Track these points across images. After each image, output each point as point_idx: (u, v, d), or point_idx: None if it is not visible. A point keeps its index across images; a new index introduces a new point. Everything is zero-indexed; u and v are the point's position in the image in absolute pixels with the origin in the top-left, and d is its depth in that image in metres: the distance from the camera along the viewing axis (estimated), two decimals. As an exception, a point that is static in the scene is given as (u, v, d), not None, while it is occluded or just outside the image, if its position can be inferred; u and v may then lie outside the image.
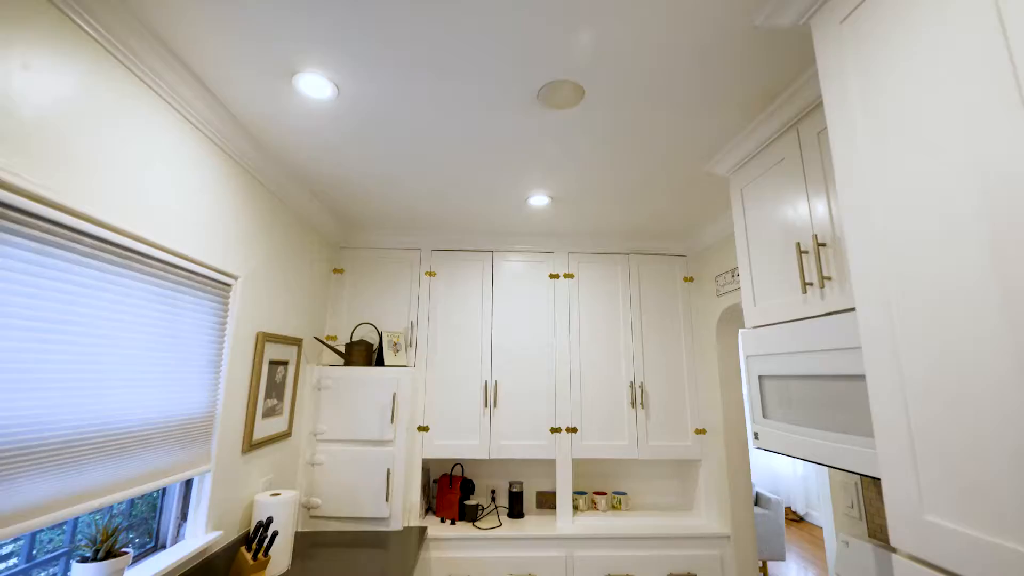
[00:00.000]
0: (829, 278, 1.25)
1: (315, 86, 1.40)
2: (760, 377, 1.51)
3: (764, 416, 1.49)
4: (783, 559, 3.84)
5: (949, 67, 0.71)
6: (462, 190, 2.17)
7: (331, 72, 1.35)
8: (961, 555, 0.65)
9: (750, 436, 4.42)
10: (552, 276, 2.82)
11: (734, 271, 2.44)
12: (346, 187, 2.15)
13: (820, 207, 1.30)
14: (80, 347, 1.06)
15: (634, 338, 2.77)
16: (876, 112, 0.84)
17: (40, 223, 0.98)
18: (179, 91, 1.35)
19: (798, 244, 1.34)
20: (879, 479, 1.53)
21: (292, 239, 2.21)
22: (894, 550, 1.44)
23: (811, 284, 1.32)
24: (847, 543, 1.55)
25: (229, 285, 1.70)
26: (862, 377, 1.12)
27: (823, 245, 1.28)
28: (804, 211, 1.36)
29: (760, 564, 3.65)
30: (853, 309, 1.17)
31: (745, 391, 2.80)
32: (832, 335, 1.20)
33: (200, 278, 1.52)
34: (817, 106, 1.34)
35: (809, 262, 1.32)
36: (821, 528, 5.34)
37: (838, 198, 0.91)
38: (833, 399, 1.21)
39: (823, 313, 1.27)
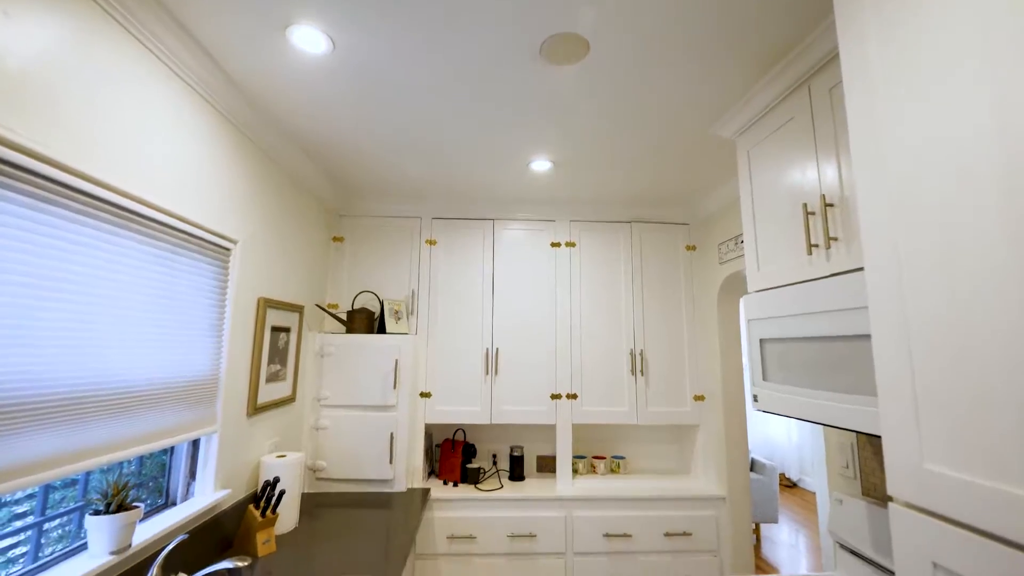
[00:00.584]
0: (835, 239, 1.23)
1: (309, 40, 1.35)
2: (761, 340, 1.51)
3: (764, 379, 1.50)
4: (776, 522, 3.96)
5: (972, 8, 0.68)
6: (462, 153, 2.12)
7: (325, 25, 1.30)
8: (959, 501, 0.66)
9: (749, 400, 4.48)
10: (553, 244, 2.80)
11: (737, 238, 2.42)
12: (343, 149, 2.11)
13: (829, 167, 1.27)
14: (77, 305, 1.06)
15: (635, 306, 2.77)
16: (893, 57, 0.81)
17: (32, 178, 0.96)
18: (169, 45, 1.30)
19: (805, 205, 1.32)
20: (876, 437, 1.55)
21: (290, 205, 2.19)
22: (888, 502, 1.47)
23: (816, 246, 1.30)
24: (840, 501, 1.59)
25: (228, 249, 1.69)
26: (864, 337, 1.12)
27: (831, 206, 1.25)
28: (812, 171, 1.33)
29: (753, 526, 3.76)
30: (858, 269, 1.16)
31: (745, 358, 2.82)
32: (836, 296, 1.19)
33: (198, 241, 1.51)
34: (830, 60, 1.29)
35: (815, 223, 1.30)
36: (813, 493, 5.49)
37: (851, 148, 0.89)
38: (834, 360, 1.21)
39: (828, 275, 1.26)
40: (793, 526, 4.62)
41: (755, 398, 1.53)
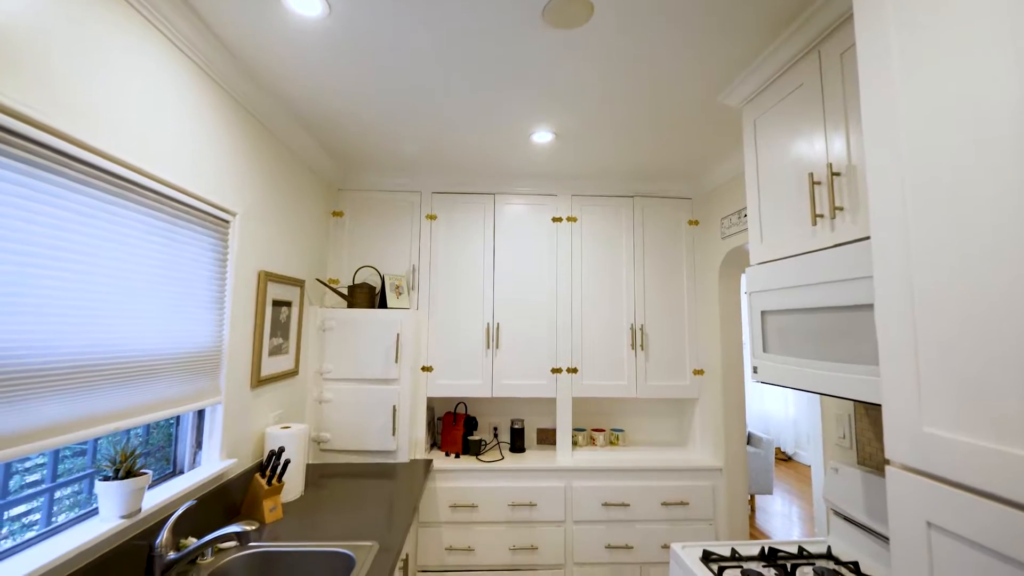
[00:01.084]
0: (840, 208, 1.22)
1: (304, 1, 1.31)
2: (763, 313, 1.52)
3: (764, 351, 1.50)
4: (770, 493, 4.05)
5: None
6: (463, 123, 2.08)
7: (321, -15, 1.25)
8: (957, 462, 0.67)
9: (747, 374, 4.52)
10: (555, 219, 2.78)
11: (740, 212, 2.40)
12: (341, 120, 2.07)
13: (837, 135, 1.25)
14: (77, 274, 1.06)
15: (636, 281, 2.76)
16: (909, 17, 0.78)
17: (26, 143, 0.94)
18: (161, 9, 1.26)
19: (811, 175, 1.30)
20: (873, 408, 1.57)
21: (289, 178, 2.16)
22: (884, 465, 1.50)
23: (821, 216, 1.29)
24: (836, 469, 1.62)
25: (227, 222, 1.67)
26: (865, 307, 1.12)
27: (837, 175, 1.24)
28: (820, 140, 1.31)
29: (748, 497, 3.85)
30: (862, 239, 1.15)
31: (745, 331, 2.83)
32: (839, 266, 1.19)
33: (196, 212, 1.49)
34: (843, 24, 1.25)
35: (821, 193, 1.29)
36: (808, 467, 5.60)
37: (862, 113, 0.87)
38: (834, 330, 1.21)
39: (831, 245, 1.25)
40: (787, 497, 4.73)
41: (755, 370, 1.54)
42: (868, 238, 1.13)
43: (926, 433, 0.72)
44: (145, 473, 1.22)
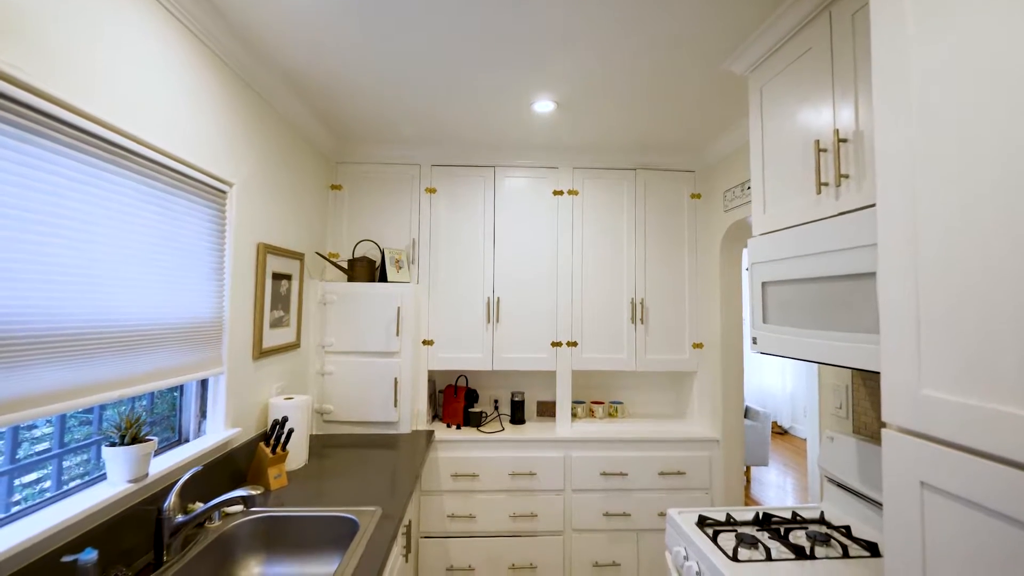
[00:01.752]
0: (846, 176, 1.20)
1: (296, -41, 1.26)
2: (764, 284, 1.51)
3: (764, 321, 1.51)
4: (766, 464, 4.13)
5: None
6: (462, 90, 2.03)
7: (313, -59, 1.20)
8: (954, 423, 0.68)
9: (747, 347, 4.54)
10: (556, 192, 2.75)
11: (744, 184, 2.37)
12: (337, 86, 2.02)
13: (845, 101, 1.22)
14: (76, 242, 1.05)
15: (637, 255, 2.75)
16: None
17: (19, 108, 0.92)
18: (146, -36, 1.21)
19: (817, 142, 1.28)
20: (871, 378, 1.58)
21: (286, 150, 2.12)
22: (879, 433, 1.52)
23: (826, 184, 1.27)
24: (832, 438, 1.64)
25: (224, 192, 1.65)
26: (866, 276, 1.11)
27: (844, 141, 1.21)
28: (827, 106, 1.28)
29: (744, 468, 3.93)
30: (867, 207, 1.14)
31: (746, 305, 2.83)
32: (842, 235, 1.18)
33: (192, 182, 1.47)
34: (855, -18, 1.20)
35: (827, 161, 1.27)
36: (804, 440, 5.70)
37: (872, 75, 0.84)
38: (834, 299, 1.21)
39: (835, 214, 1.24)
40: (782, 469, 4.82)
41: (754, 340, 1.55)
42: (873, 205, 1.11)
43: (924, 396, 0.72)
44: (150, 440, 1.24)
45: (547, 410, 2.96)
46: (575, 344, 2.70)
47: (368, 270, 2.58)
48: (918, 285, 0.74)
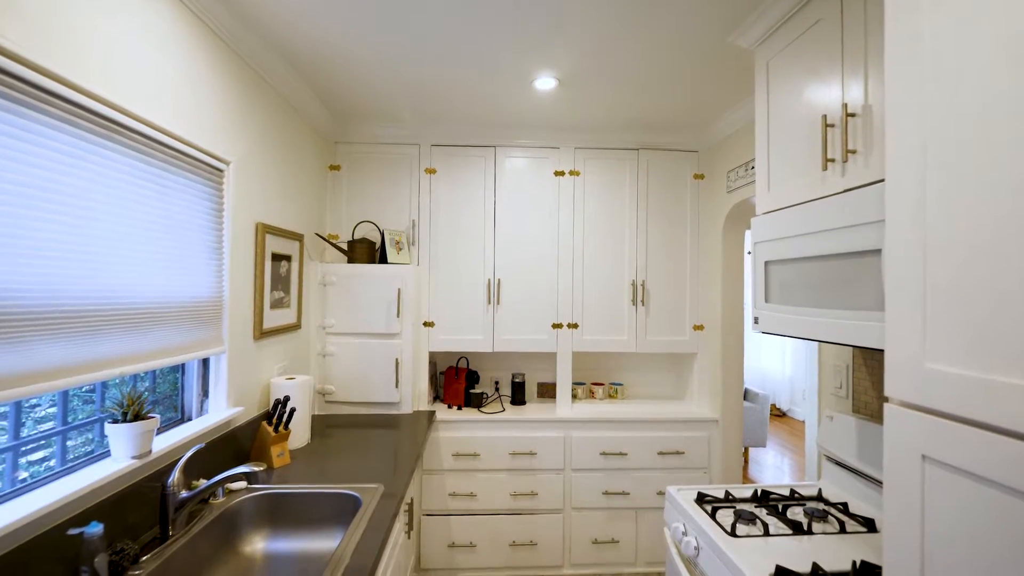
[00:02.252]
0: (854, 151, 1.18)
1: (290, -74, 1.22)
2: (766, 263, 1.50)
3: (766, 301, 1.50)
4: (764, 446, 4.17)
5: None
6: (463, 66, 1.99)
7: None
8: (958, 396, 0.67)
9: (747, 328, 4.55)
10: (557, 173, 2.72)
11: (747, 164, 2.34)
12: (335, 61, 1.98)
13: (855, 73, 1.19)
14: (72, 218, 1.03)
15: (638, 236, 2.73)
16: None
17: (6, 79, 0.90)
18: (134, -69, 1.17)
19: (824, 117, 1.25)
20: (872, 357, 1.58)
21: (283, 129, 2.09)
22: (879, 412, 1.53)
23: (832, 160, 1.25)
24: (831, 417, 1.65)
25: (221, 171, 1.63)
26: (869, 253, 1.10)
27: (852, 115, 1.19)
28: (836, 80, 1.25)
29: (743, 449, 3.97)
30: (873, 183, 1.12)
31: (747, 286, 2.82)
32: (847, 212, 1.16)
33: (189, 159, 1.45)
34: (868, -51, 1.16)
35: (834, 136, 1.24)
36: (802, 422, 5.75)
37: (885, 42, 0.81)
38: (837, 278, 1.20)
39: (841, 190, 1.22)
40: (779, 450, 4.88)
41: (756, 320, 1.54)
42: (879, 181, 1.09)
43: (928, 369, 0.72)
44: (153, 417, 1.24)
45: (547, 391, 2.98)
46: (576, 326, 2.70)
47: (368, 251, 2.56)
48: (926, 258, 0.73)
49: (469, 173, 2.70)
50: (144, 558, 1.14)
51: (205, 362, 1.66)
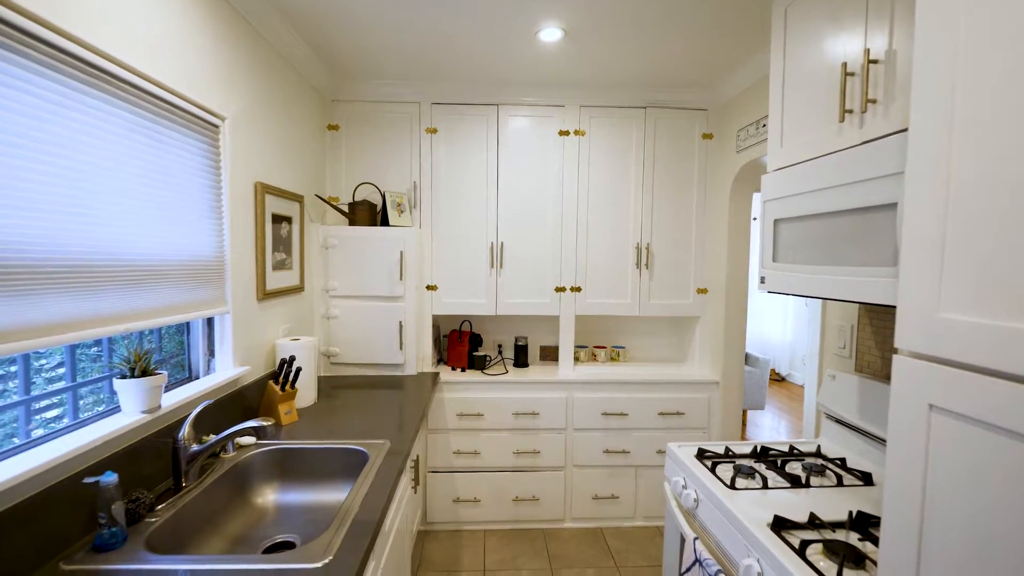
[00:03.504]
0: (874, 101, 1.13)
1: None
2: (776, 221, 1.47)
3: (774, 260, 1.48)
4: (763, 408, 4.24)
5: None
6: (463, 15, 1.89)
7: None
8: (970, 344, 0.67)
9: (752, 290, 4.53)
10: (562, 133, 2.64)
11: (759, 122, 2.26)
12: (332, 15, 1.89)
13: (880, 17, 1.13)
14: (63, 169, 1.01)
15: (644, 199, 2.69)
16: None
17: (-18, 18, 0.85)
18: None
19: (844, 64, 1.19)
20: (878, 317, 1.57)
21: (280, 85, 2.02)
22: (882, 370, 1.54)
23: (850, 111, 1.20)
24: (833, 376, 1.66)
25: (216, 126, 1.59)
26: (883, 208, 1.07)
27: (875, 62, 1.13)
28: (859, 24, 1.18)
29: (742, 411, 4.04)
30: (893, 134, 1.08)
31: (753, 249, 2.78)
32: (863, 165, 1.12)
33: (182, 113, 1.40)
34: None
35: (854, 85, 1.19)
36: (800, 386, 5.83)
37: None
38: (847, 234, 1.18)
39: (858, 143, 1.17)
40: (777, 413, 4.97)
41: (762, 280, 1.53)
42: (899, 132, 1.05)
43: (941, 319, 0.71)
44: (160, 373, 1.25)
45: (550, 354, 3.01)
46: (579, 289, 2.69)
47: (369, 214, 2.53)
48: (947, 208, 0.71)
49: (471, 133, 2.63)
50: (159, 507, 1.17)
51: (210, 322, 1.67)
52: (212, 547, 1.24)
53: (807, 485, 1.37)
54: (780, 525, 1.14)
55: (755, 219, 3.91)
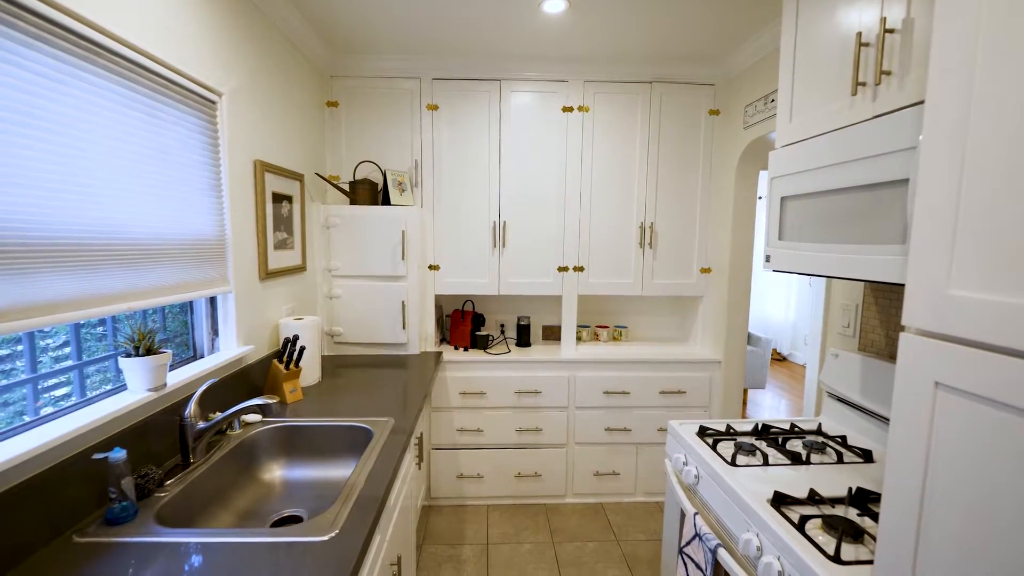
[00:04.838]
0: (888, 72, 1.09)
1: None
2: (783, 199, 1.44)
3: (780, 238, 1.46)
4: (764, 387, 4.27)
5: None
6: (464, -10, 1.84)
7: None
8: (979, 321, 0.66)
9: (757, 266, 4.51)
10: (565, 109, 2.59)
11: (767, 97, 2.21)
12: (328, -13, 1.83)
13: (897, -18, 1.08)
14: (58, 146, 0.99)
15: (648, 177, 2.65)
16: None
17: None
18: None
19: (859, 35, 1.15)
20: (885, 292, 1.56)
21: (278, 61, 1.98)
22: (885, 350, 1.54)
23: (863, 84, 1.16)
24: (836, 355, 1.66)
25: (213, 102, 1.56)
26: (893, 184, 1.05)
27: (891, 31, 1.09)
28: (875, -9, 1.14)
29: (743, 390, 4.07)
30: (907, 107, 1.05)
31: (758, 228, 2.76)
32: (875, 140, 1.10)
33: (179, 89, 1.38)
34: None
35: (868, 56, 1.15)
36: (802, 366, 5.85)
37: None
38: (855, 212, 1.16)
39: (870, 117, 1.14)
40: (778, 393, 5.00)
41: (767, 259, 1.51)
42: (914, 105, 1.02)
43: (951, 296, 0.70)
44: (165, 352, 1.26)
45: (552, 334, 3.01)
46: (582, 269, 2.68)
47: (370, 193, 2.50)
48: (961, 183, 0.69)
49: (473, 110, 2.58)
50: (168, 482, 1.19)
51: (213, 302, 1.67)
52: (221, 521, 1.27)
53: (807, 462, 1.38)
54: (780, 501, 1.15)
55: (761, 198, 3.85)
